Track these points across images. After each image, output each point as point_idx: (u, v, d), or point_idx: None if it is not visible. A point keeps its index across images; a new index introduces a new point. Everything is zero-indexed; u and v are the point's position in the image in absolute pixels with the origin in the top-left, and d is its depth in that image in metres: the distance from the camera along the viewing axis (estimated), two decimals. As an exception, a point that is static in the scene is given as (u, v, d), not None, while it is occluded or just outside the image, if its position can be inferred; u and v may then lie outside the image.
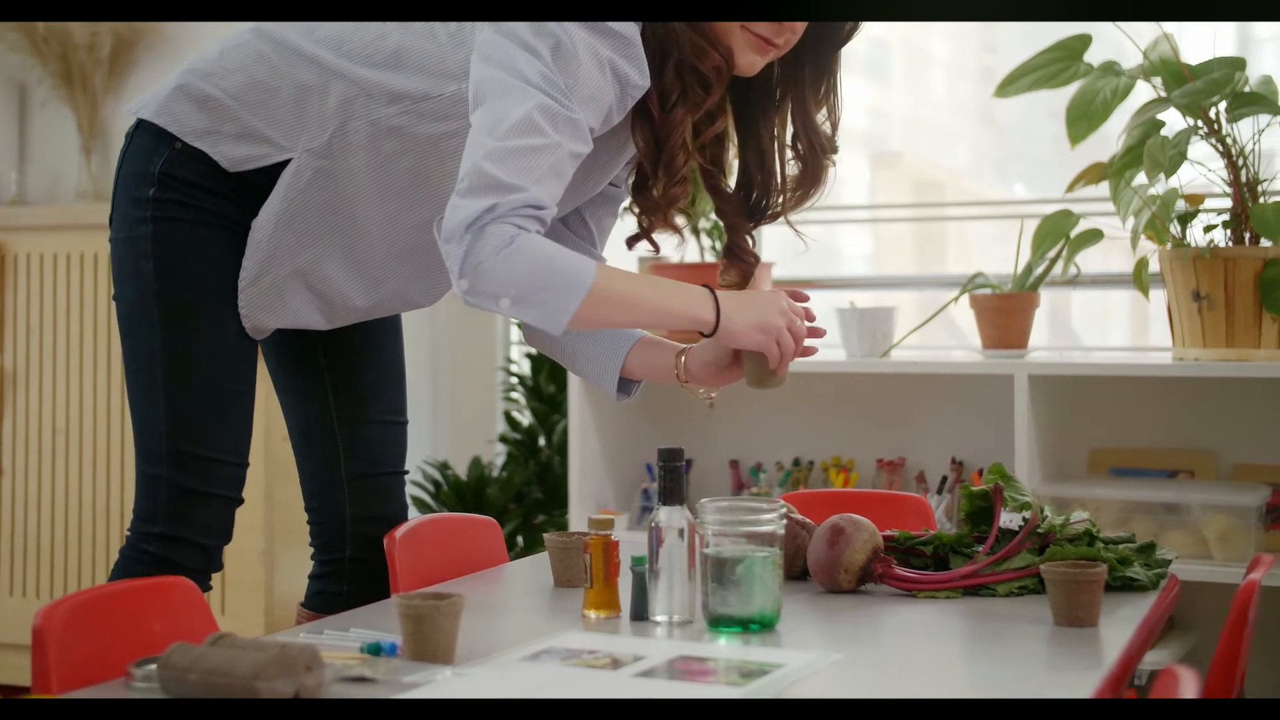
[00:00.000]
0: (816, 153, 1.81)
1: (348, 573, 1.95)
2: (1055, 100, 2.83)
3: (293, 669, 1.21)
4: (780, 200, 1.84)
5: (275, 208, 1.76)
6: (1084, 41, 2.74)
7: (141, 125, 1.80)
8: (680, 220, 1.84)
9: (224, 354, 1.79)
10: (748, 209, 1.86)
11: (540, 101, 1.57)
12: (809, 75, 1.80)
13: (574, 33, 1.60)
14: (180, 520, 1.77)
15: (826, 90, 1.81)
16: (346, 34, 1.74)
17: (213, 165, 1.76)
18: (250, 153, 1.75)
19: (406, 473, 2.03)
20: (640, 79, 1.66)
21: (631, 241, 1.83)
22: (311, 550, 2.00)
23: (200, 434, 1.77)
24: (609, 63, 1.62)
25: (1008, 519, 1.78)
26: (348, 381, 1.95)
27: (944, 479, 2.97)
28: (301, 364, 1.95)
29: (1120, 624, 1.55)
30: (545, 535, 1.83)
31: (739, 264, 1.87)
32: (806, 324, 1.72)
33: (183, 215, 1.77)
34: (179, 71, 1.81)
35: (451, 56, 1.70)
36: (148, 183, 1.77)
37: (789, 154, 1.83)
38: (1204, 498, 2.62)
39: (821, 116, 1.81)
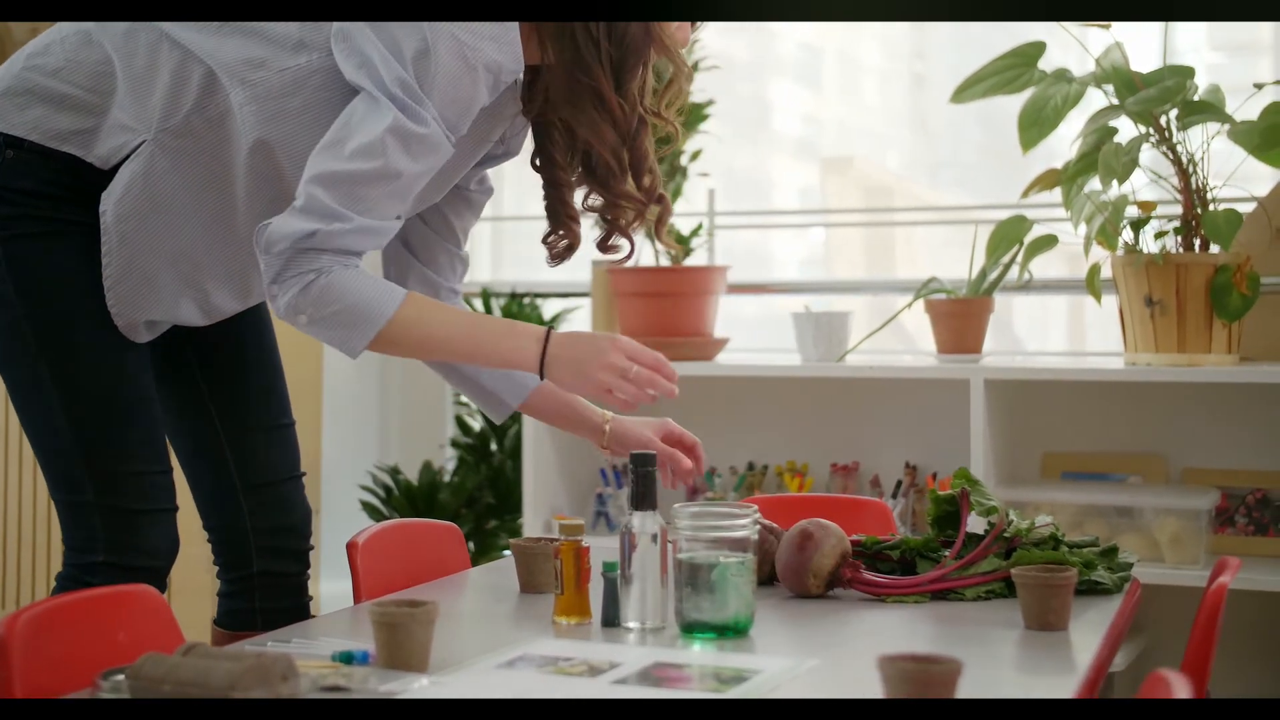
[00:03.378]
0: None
1: (258, 588, 1.90)
2: (984, 107, 2.85)
3: (269, 678, 1.18)
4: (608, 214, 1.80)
5: (136, 196, 1.66)
6: (1039, 48, 2.77)
7: None
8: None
9: (114, 362, 1.70)
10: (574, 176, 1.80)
11: (392, 122, 1.56)
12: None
13: (441, 32, 1.57)
14: (124, 547, 1.69)
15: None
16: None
17: (50, 169, 1.66)
18: (116, 144, 1.66)
19: (304, 475, 1.96)
20: (514, 65, 1.63)
21: (604, 246, 1.82)
22: (216, 569, 1.93)
23: (117, 449, 1.69)
24: (479, 57, 1.59)
25: (975, 523, 1.78)
26: (226, 392, 1.88)
27: (899, 483, 2.98)
28: (177, 381, 1.86)
29: (1089, 627, 1.56)
30: (511, 541, 1.81)
31: (569, 224, 1.82)
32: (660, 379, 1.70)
33: (31, 229, 1.67)
34: (15, 74, 1.68)
35: (303, 29, 1.64)
36: None
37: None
38: (1156, 501, 2.65)
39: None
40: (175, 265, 1.70)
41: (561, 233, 1.84)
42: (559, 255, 1.85)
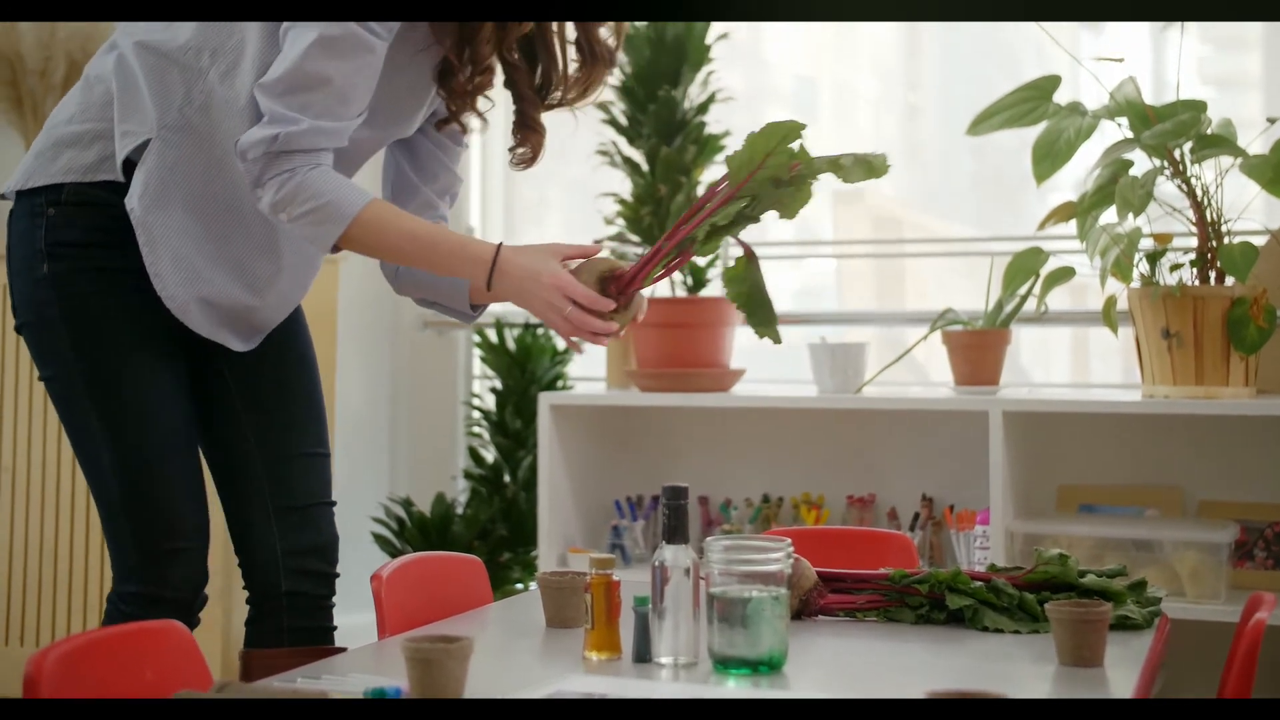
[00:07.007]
0: (595, 60, 1.92)
1: (286, 607, 1.94)
2: (978, 137, 2.86)
3: (307, 717, 1.16)
4: (561, 92, 1.94)
5: (154, 190, 1.79)
6: (1054, 82, 2.78)
7: (16, 208, 1.85)
8: (483, 105, 1.92)
9: (158, 408, 1.84)
10: (536, 85, 1.95)
11: (315, 35, 1.70)
12: None
13: None
14: (154, 580, 1.83)
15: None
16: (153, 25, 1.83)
17: (91, 215, 1.80)
18: (127, 147, 1.79)
19: (334, 504, 2.03)
20: None
21: (440, 125, 1.93)
22: (246, 594, 1.99)
23: (153, 493, 1.83)
24: None
25: None
26: (266, 419, 1.96)
27: (916, 515, 2.97)
28: (216, 409, 1.95)
29: (1123, 663, 1.55)
30: (539, 574, 1.80)
31: (530, 134, 1.96)
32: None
33: (85, 285, 1.81)
34: (41, 137, 1.85)
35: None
36: (39, 259, 1.81)
37: (573, 53, 1.93)
38: (1176, 535, 2.64)
39: (606, 31, 1.92)
40: (204, 248, 1.83)
41: (521, 139, 1.97)
42: (522, 163, 1.98)
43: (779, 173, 1.71)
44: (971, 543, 2.74)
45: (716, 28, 3.28)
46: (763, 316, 1.83)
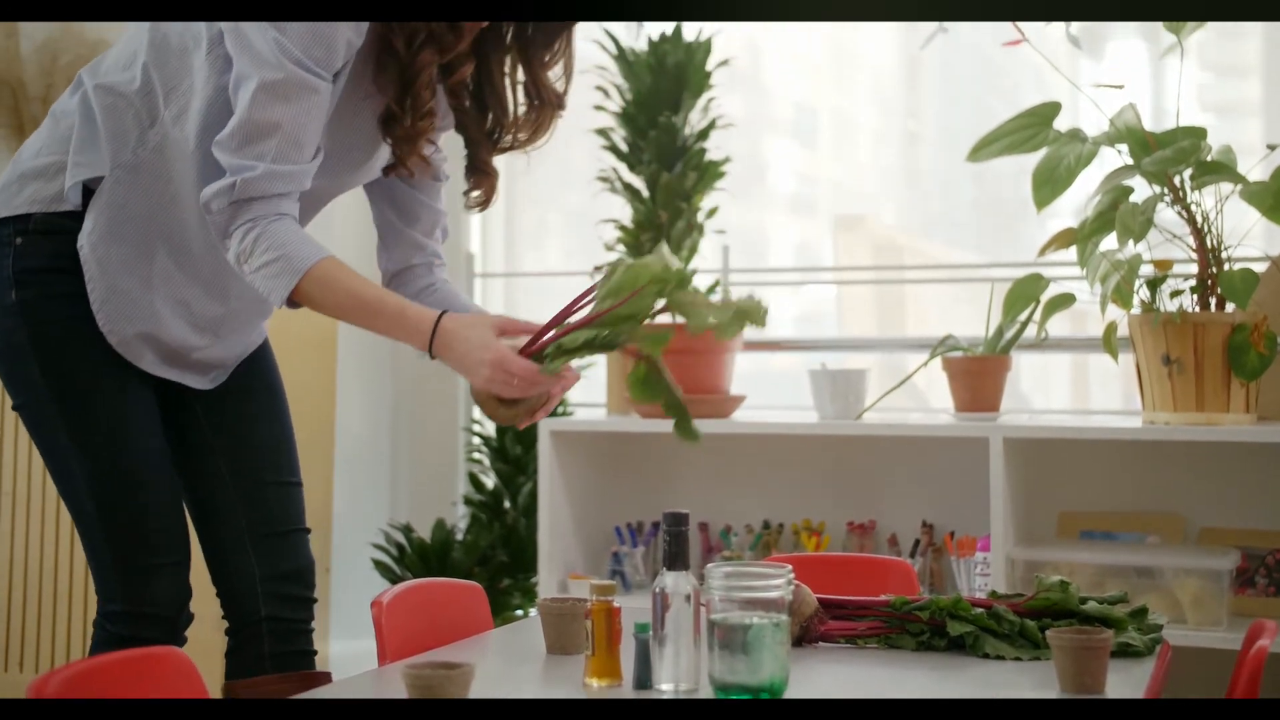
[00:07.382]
0: (543, 104, 1.94)
1: (266, 633, 1.95)
2: (978, 164, 2.87)
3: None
4: (512, 136, 1.96)
5: (105, 227, 1.83)
6: (1053, 108, 2.79)
7: None
8: (429, 150, 1.94)
9: (130, 428, 1.86)
10: (486, 130, 1.97)
11: (257, 83, 1.72)
12: (535, 37, 1.92)
13: None
14: (136, 597, 1.85)
15: (558, 52, 1.93)
16: (108, 64, 1.87)
17: (55, 243, 1.83)
18: (79, 176, 1.83)
19: (309, 530, 2.04)
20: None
21: (387, 171, 1.95)
22: (225, 625, 1.99)
23: (128, 514, 1.85)
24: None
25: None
26: (237, 449, 1.98)
27: (916, 542, 2.96)
28: (188, 440, 1.98)
29: (1125, 690, 1.55)
30: (539, 601, 1.80)
31: (482, 178, 1.98)
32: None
33: (52, 311, 1.84)
34: (7, 172, 1.89)
35: (194, 52, 1.81)
36: (7, 287, 1.84)
37: (522, 96, 1.95)
38: (1177, 561, 2.64)
39: (556, 74, 1.94)
40: (149, 285, 1.86)
41: (475, 183, 1.99)
42: (476, 205, 2.00)
43: (641, 313, 1.67)
44: (972, 569, 2.74)
45: (717, 54, 3.29)
46: (678, 419, 1.73)
